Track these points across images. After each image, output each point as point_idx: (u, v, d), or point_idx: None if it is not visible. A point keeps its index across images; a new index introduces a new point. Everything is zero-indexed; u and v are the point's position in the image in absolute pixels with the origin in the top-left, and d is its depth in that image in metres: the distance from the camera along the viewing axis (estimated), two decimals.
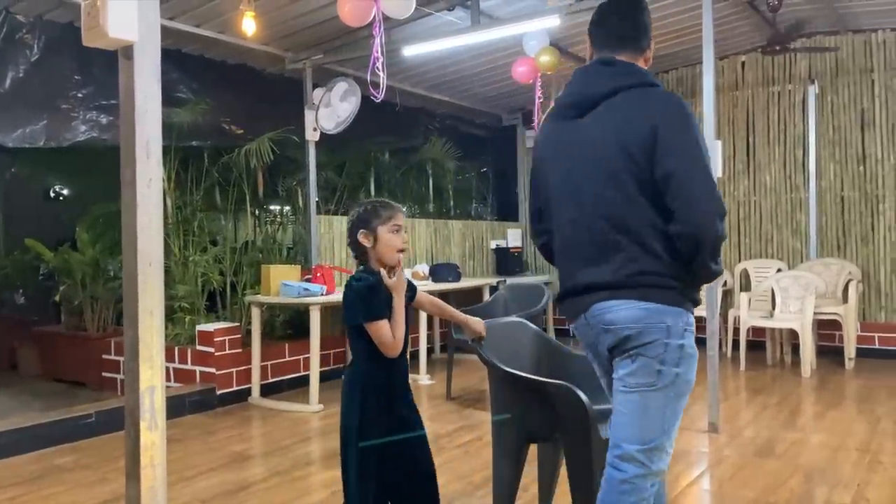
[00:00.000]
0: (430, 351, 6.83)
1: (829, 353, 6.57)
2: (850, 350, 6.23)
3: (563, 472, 2.74)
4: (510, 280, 7.31)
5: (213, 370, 5.16)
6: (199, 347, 5.24)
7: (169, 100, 5.63)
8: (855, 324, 6.36)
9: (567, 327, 8.53)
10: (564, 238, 2.04)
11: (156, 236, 1.35)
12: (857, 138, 6.80)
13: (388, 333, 2.19)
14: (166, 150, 5.58)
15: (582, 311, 2.00)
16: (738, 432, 4.29)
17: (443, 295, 7.19)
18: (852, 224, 6.82)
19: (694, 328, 1.94)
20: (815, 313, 6.02)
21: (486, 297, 6.66)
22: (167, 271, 5.84)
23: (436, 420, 4.80)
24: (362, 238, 2.26)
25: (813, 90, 6.95)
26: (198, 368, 5.24)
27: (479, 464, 3.74)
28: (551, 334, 7.84)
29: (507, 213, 8.99)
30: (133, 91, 1.33)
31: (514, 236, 8.45)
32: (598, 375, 2.19)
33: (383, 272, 2.25)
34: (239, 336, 5.35)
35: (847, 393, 5.35)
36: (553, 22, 5.21)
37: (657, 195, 1.85)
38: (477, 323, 2.63)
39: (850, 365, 6.19)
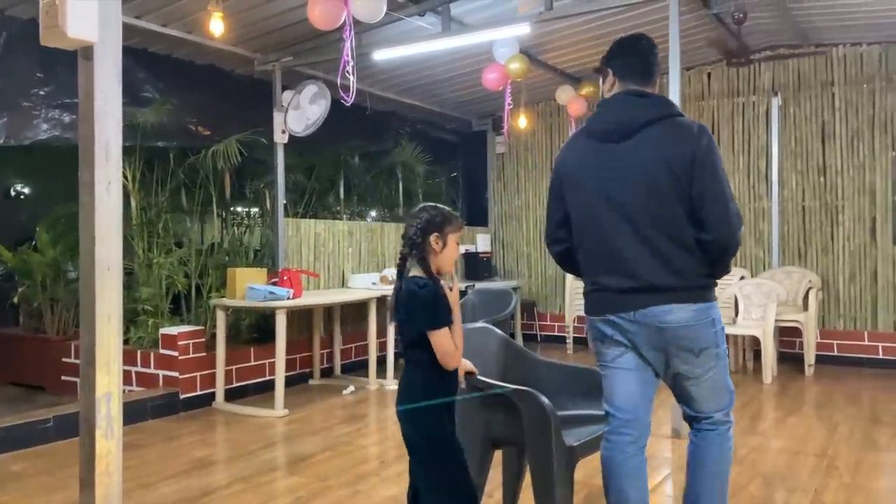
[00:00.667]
0: (398, 356, 6.80)
1: (790, 359, 6.70)
2: (809, 357, 6.36)
3: (527, 477, 2.75)
4: (479, 285, 7.33)
5: (176, 374, 5.08)
6: (162, 351, 5.16)
7: (134, 99, 5.55)
8: (815, 331, 6.49)
9: (534, 333, 8.52)
10: (606, 244, 2.33)
11: (114, 241, 1.33)
12: (817, 150, 6.96)
13: (451, 343, 2.15)
14: (131, 151, 5.50)
15: (631, 309, 2.30)
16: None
17: None
18: (813, 233, 6.97)
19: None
20: (776, 320, 6.14)
21: None
22: (130, 273, 5.74)
23: None
24: (434, 242, 2.20)
25: (776, 102, 7.10)
26: (161, 372, 5.16)
27: None
28: (519, 339, 7.88)
29: (477, 218, 9.01)
30: (93, 92, 1.31)
31: (483, 241, 8.48)
32: (620, 356, 2.41)
33: (443, 281, 2.20)
34: (203, 340, 5.28)
35: (806, 399, 5.46)
36: (523, 30, 5.25)
37: (692, 209, 2.23)
38: (466, 363, 2.50)
39: (809, 371, 6.32)
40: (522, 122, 7.50)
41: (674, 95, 4.43)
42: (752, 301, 6.38)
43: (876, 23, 6.11)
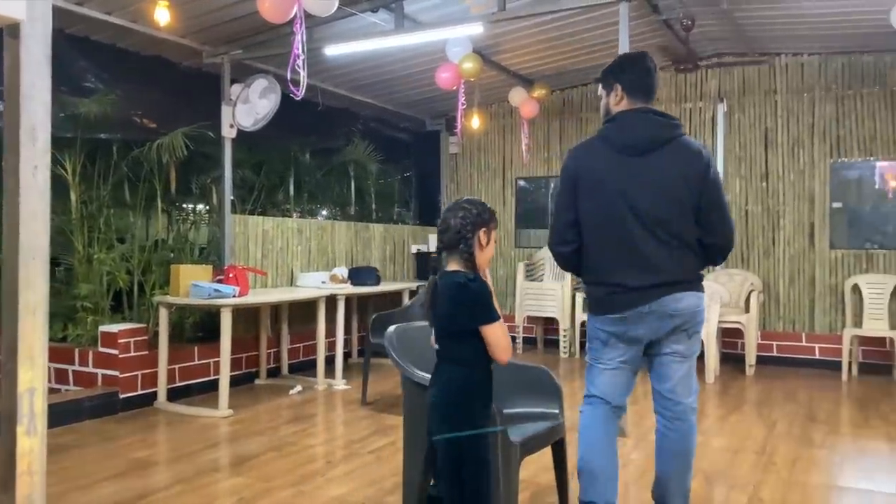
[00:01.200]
0: (346, 355, 6.74)
1: (732, 359, 6.87)
2: (750, 357, 6.54)
3: None
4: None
5: (116, 373, 4.93)
6: (101, 349, 5.00)
7: (76, 89, 5.36)
8: (755, 332, 6.67)
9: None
10: (629, 245, 2.57)
11: (40, 228, 1.27)
12: (760, 155, 7.16)
13: (507, 336, 2.17)
14: (72, 142, 5.32)
15: (647, 302, 2.57)
16: (645, 436, 4.41)
17: (362, 298, 7.15)
18: (755, 237, 7.17)
19: None
20: (719, 322, 6.29)
21: (406, 300, 6.64)
22: (70, 269, 5.55)
23: (349, 425, 4.74)
24: (482, 236, 2.20)
25: (721, 108, 7.28)
26: (100, 371, 5.00)
27: (390, 469, 3.71)
28: None
29: (429, 217, 8.99)
30: (19, 73, 1.24)
31: (435, 241, 8.45)
32: (620, 357, 2.70)
33: (483, 275, 2.21)
34: (145, 338, 5.14)
35: (747, 398, 5.60)
36: (476, 29, 5.26)
37: (698, 216, 2.58)
38: None
39: (750, 371, 6.50)
40: (476, 122, 7.52)
41: None
42: None
43: (816, 34, 6.31)
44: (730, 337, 6.95)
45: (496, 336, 2.12)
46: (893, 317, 6.45)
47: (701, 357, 6.36)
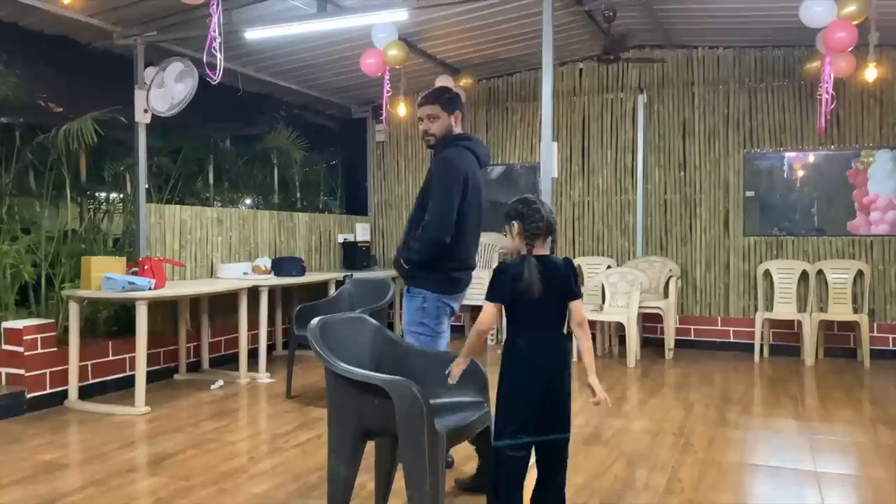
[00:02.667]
0: (270, 348, 6.60)
1: (652, 343, 7.08)
2: (669, 341, 6.75)
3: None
4: (357, 274, 7.23)
5: (21, 371, 4.66)
6: (5, 346, 4.71)
7: None
8: (674, 317, 6.89)
9: None
10: (477, 237, 3.47)
11: None
12: (679, 146, 7.37)
13: None
14: None
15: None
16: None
17: (286, 289, 7.00)
18: (673, 225, 7.39)
19: None
20: (639, 307, 6.46)
21: (332, 291, 6.54)
22: None
23: (273, 419, 4.63)
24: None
25: (642, 99, 7.45)
26: (3, 370, 4.72)
27: (315, 463, 3.64)
28: (398, 329, 7.86)
29: (355, 206, 8.88)
30: None
31: (362, 230, 8.37)
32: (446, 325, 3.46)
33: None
34: (54, 334, 4.87)
35: (666, 381, 5.78)
36: (401, 16, 5.20)
37: None
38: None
39: (669, 355, 6.71)
40: (402, 110, 7.46)
41: (546, 91, 4.51)
42: (618, 289, 6.68)
43: (731, 28, 6.53)
44: (650, 322, 7.16)
45: (581, 308, 2.68)
46: (801, 300, 6.77)
47: (623, 342, 6.58)
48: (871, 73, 5.57)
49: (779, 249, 7.02)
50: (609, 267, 7.26)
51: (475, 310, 7.81)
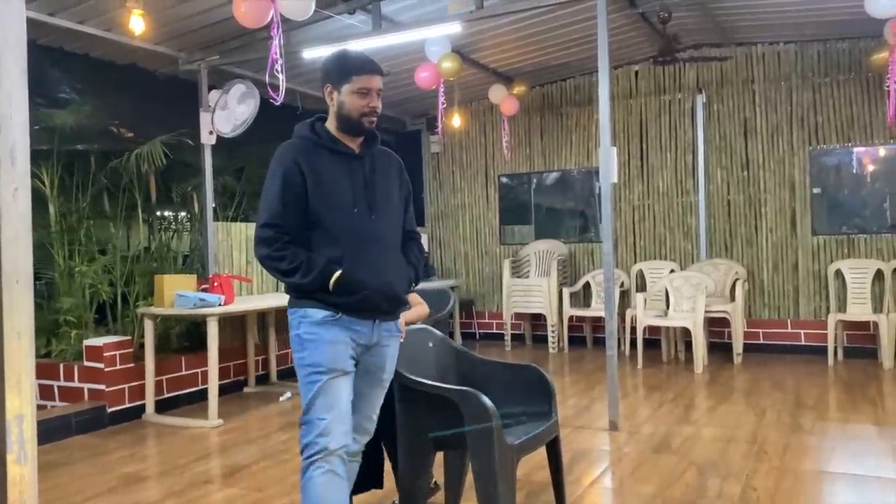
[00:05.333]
0: None
1: (719, 348, 6.91)
2: (737, 346, 6.58)
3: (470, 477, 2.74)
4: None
5: (102, 387, 4.87)
6: (87, 363, 4.93)
7: (51, 101, 5.30)
8: (742, 321, 6.72)
9: (472, 331, 8.54)
10: None
11: (23, 252, 1.23)
12: (740, 145, 7.21)
13: None
14: (47, 155, 5.24)
15: None
16: (637, 429, 4.43)
17: None
18: (738, 226, 7.22)
19: (317, 318, 2.29)
20: (705, 312, 6.33)
21: None
22: (51, 283, 5.48)
23: None
24: None
25: (700, 99, 7.32)
26: (86, 386, 4.93)
27: (385, 471, 3.68)
28: (458, 338, 7.89)
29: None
30: None
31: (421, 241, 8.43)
32: None
33: None
34: (131, 350, 5.07)
35: (736, 387, 5.64)
36: (454, 28, 5.25)
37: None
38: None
39: (738, 360, 6.54)
40: (456, 121, 7.51)
41: (603, 94, 4.49)
42: (682, 293, 6.56)
43: (792, 22, 6.36)
44: (716, 326, 7.00)
45: None
46: (876, 301, 6.52)
47: (689, 347, 6.46)
48: None
49: (850, 248, 6.77)
50: (672, 271, 7.14)
51: (534, 317, 7.81)
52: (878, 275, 6.50)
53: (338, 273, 2.24)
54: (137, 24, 4.21)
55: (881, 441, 4.05)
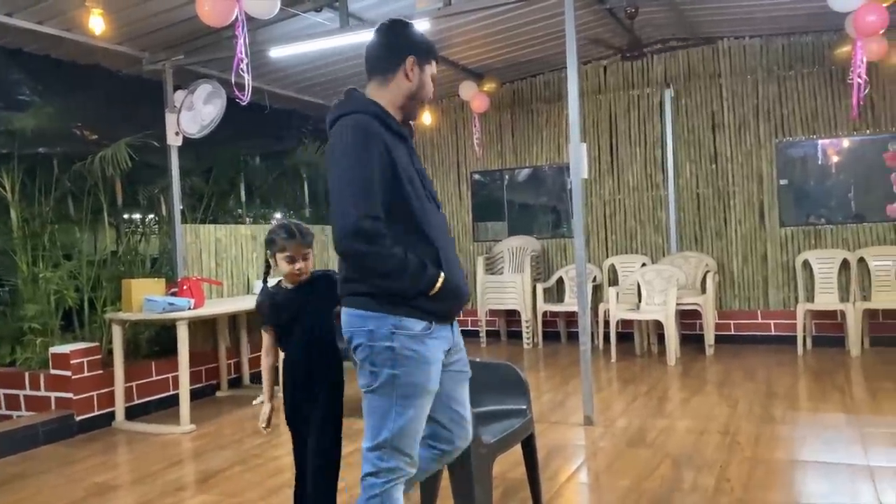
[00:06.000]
0: None
1: (691, 340, 6.98)
2: (709, 337, 6.65)
3: (445, 476, 2.73)
4: None
5: (70, 395, 4.77)
6: (53, 371, 4.82)
7: (10, 104, 5.17)
8: (713, 313, 6.79)
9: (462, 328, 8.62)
10: None
11: None
12: (708, 139, 7.28)
13: (265, 342, 2.81)
14: (8, 159, 5.13)
15: None
16: (612, 423, 4.46)
17: None
18: (707, 219, 7.29)
19: (415, 332, 2.00)
20: (677, 304, 6.38)
21: None
22: (14, 290, 5.35)
23: None
24: (270, 258, 2.79)
25: (668, 94, 7.37)
26: (53, 394, 4.82)
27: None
28: None
29: None
30: None
31: None
32: None
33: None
34: (99, 357, 4.97)
35: (708, 378, 5.70)
36: (422, 25, 5.20)
37: None
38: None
39: (710, 351, 6.61)
40: (427, 118, 7.48)
41: (572, 91, 4.50)
42: (654, 287, 6.61)
43: (757, 16, 6.43)
44: (688, 318, 7.07)
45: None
46: (842, 290, 6.63)
47: (661, 340, 6.51)
48: None
49: (817, 239, 6.88)
50: (644, 265, 7.19)
51: (509, 313, 7.82)
52: (845, 264, 6.62)
53: (442, 277, 2.00)
54: (97, 23, 4.12)
55: (850, 429, 4.12)
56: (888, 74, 6.49)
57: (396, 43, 2.14)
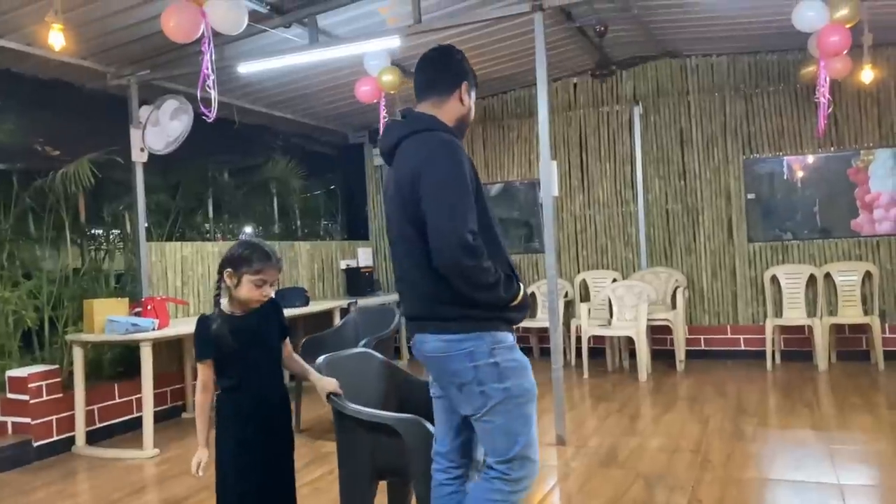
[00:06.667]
0: None
1: (663, 356, 7.00)
2: (680, 353, 6.68)
3: None
4: (361, 301, 7.20)
5: (27, 420, 4.61)
6: (10, 395, 4.66)
7: None
8: (683, 328, 6.83)
9: None
10: (395, 269, 2.29)
11: None
12: (677, 155, 7.34)
13: (202, 376, 2.47)
14: None
15: (410, 338, 2.24)
16: (584, 442, 4.43)
17: (291, 320, 6.93)
18: (676, 234, 7.34)
19: (509, 343, 2.12)
20: (647, 320, 6.40)
21: (337, 320, 6.48)
22: None
23: None
24: (228, 278, 2.42)
25: (637, 111, 7.43)
26: (9, 419, 4.66)
27: (329, 500, 3.58)
28: (405, 354, 7.80)
29: (356, 231, 8.86)
30: None
31: (364, 255, 8.34)
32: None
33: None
34: (59, 380, 4.82)
35: (679, 394, 5.70)
36: (393, 42, 5.19)
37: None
38: (329, 382, 2.57)
39: (680, 367, 6.64)
40: None
41: (542, 109, 4.50)
42: (625, 302, 6.62)
43: (724, 35, 6.52)
44: (659, 334, 7.09)
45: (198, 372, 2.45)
46: (810, 305, 6.71)
47: (633, 356, 6.52)
48: (867, 75, 5.55)
49: (785, 254, 6.96)
50: (615, 280, 7.21)
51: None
52: (812, 279, 6.70)
53: (522, 288, 2.11)
54: (57, 39, 4.01)
55: (819, 445, 4.14)
56: (851, 93, 6.61)
57: (455, 68, 2.27)
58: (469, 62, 2.32)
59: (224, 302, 2.43)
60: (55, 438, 4.74)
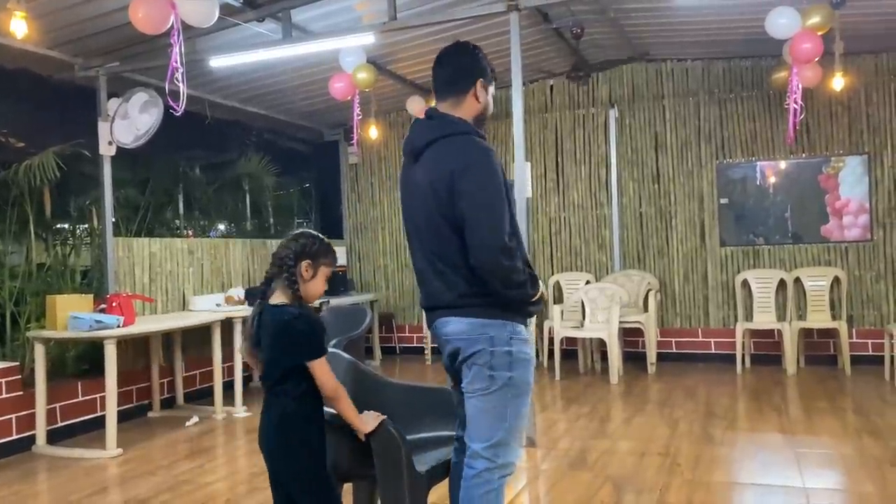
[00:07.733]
0: (247, 380, 6.45)
1: (634, 358, 7.03)
2: (651, 355, 6.71)
3: None
4: (334, 301, 7.12)
5: None
6: None
7: None
8: (655, 331, 6.86)
9: (393, 345, 8.45)
10: (414, 262, 2.37)
11: None
12: (651, 159, 7.38)
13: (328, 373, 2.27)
14: None
15: (430, 324, 2.35)
16: (554, 444, 4.42)
17: None
18: (650, 238, 7.38)
19: (525, 336, 2.26)
20: (619, 322, 6.42)
21: None
22: None
23: (251, 456, 4.49)
24: (305, 269, 2.29)
25: (613, 114, 7.46)
26: None
27: None
28: (377, 353, 7.75)
29: (330, 230, 8.77)
30: None
31: (338, 254, 8.25)
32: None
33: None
34: (19, 377, 4.69)
35: (650, 397, 5.72)
36: (367, 39, 5.15)
37: (462, 231, 2.15)
38: (371, 419, 2.38)
39: (651, 369, 6.66)
40: (373, 132, 7.38)
41: (517, 111, 4.49)
42: (598, 304, 6.64)
43: (698, 40, 6.56)
44: (631, 336, 7.11)
45: (320, 372, 2.22)
46: (779, 309, 6.77)
47: (605, 358, 6.53)
48: (837, 83, 5.61)
49: (756, 258, 7.03)
50: (588, 282, 7.22)
51: None
52: (782, 284, 6.77)
53: (541, 284, 2.27)
54: (20, 27, 3.90)
55: (786, 449, 4.17)
56: (823, 101, 6.69)
57: (468, 66, 2.32)
58: (484, 56, 2.35)
59: (281, 297, 2.27)
60: (14, 437, 4.62)
